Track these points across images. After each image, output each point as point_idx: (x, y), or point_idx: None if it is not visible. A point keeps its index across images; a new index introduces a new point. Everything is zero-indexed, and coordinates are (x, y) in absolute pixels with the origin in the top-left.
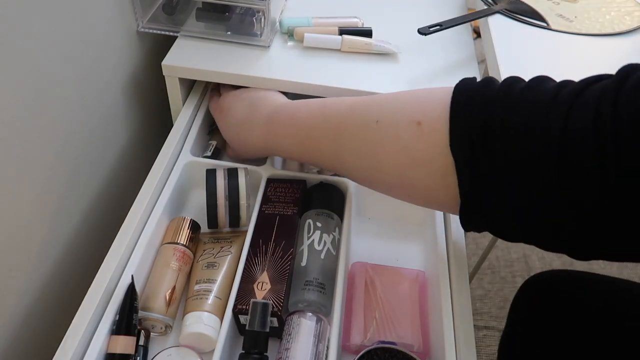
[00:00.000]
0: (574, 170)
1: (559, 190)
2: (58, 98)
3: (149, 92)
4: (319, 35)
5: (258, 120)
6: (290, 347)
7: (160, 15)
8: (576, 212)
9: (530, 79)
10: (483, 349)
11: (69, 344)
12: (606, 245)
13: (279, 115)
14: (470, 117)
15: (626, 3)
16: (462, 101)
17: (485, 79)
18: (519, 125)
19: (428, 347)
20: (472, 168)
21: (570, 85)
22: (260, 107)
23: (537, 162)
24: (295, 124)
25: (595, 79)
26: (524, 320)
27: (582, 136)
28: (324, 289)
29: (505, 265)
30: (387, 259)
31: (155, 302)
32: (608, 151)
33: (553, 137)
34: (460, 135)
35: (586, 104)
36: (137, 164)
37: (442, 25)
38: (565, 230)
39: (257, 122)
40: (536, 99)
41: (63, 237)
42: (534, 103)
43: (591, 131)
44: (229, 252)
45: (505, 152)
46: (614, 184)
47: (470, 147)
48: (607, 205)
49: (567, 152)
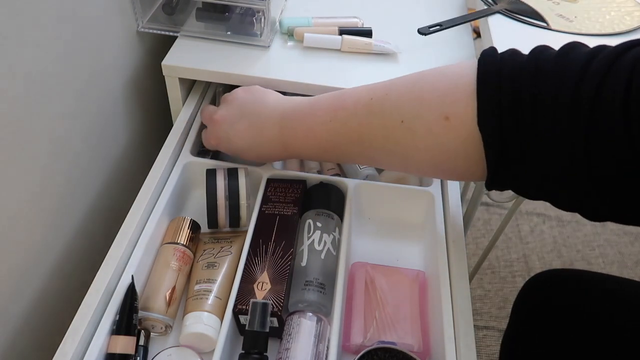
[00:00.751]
0: (601, 143)
1: (586, 162)
2: (58, 98)
3: (149, 92)
4: (319, 35)
5: (269, 140)
6: (290, 347)
7: (160, 15)
8: (599, 182)
9: (560, 47)
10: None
11: (69, 344)
12: (621, 211)
13: (291, 129)
14: (500, 90)
15: (626, 3)
16: (489, 77)
17: (509, 50)
18: (549, 98)
19: (428, 347)
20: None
21: (603, 52)
22: (266, 126)
23: (566, 135)
24: (314, 136)
25: (630, 45)
26: (525, 320)
27: (611, 110)
28: (324, 289)
29: (505, 265)
30: (387, 259)
31: (155, 302)
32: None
33: (583, 110)
34: (488, 110)
35: (617, 76)
36: (137, 164)
37: (442, 25)
38: (586, 196)
39: (269, 142)
40: (566, 69)
41: (63, 237)
42: (564, 74)
43: (620, 106)
44: (229, 252)
45: (534, 124)
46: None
47: (499, 120)
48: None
49: (596, 126)
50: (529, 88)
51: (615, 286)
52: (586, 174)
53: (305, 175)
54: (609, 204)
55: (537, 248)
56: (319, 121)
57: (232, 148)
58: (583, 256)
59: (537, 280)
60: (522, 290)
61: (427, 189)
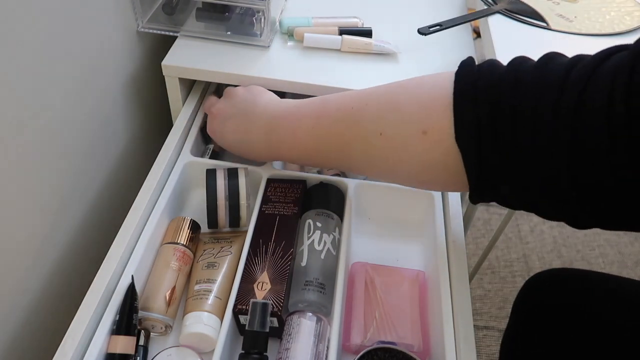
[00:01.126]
0: (583, 153)
1: (568, 174)
2: (58, 98)
3: (149, 92)
4: (319, 35)
5: (255, 142)
6: (290, 347)
7: (160, 15)
8: (582, 192)
9: (539, 58)
10: (483, 349)
11: (69, 344)
12: (607, 218)
13: (276, 134)
14: (476, 102)
15: (626, 3)
16: (465, 89)
17: (487, 61)
18: (528, 110)
19: (428, 347)
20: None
21: (582, 62)
22: (253, 127)
23: (546, 146)
24: (298, 141)
25: (608, 53)
26: (525, 320)
27: (592, 119)
28: (324, 289)
29: (505, 265)
30: (387, 259)
31: (155, 302)
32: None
33: (563, 120)
34: (465, 123)
35: (597, 85)
36: (137, 164)
37: (442, 25)
38: (568, 205)
39: (256, 143)
40: (545, 79)
41: (63, 237)
42: (543, 85)
43: (603, 114)
44: (229, 252)
45: (514, 135)
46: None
47: (477, 134)
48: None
49: (578, 139)
50: (508, 99)
51: (615, 286)
52: (567, 184)
53: (305, 175)
54: (590, 212)
55: (537, 248)
56: (302, 127)
57: (224, 143)
58: (583, 256)
59: (537, 280)
60: (521, 290)
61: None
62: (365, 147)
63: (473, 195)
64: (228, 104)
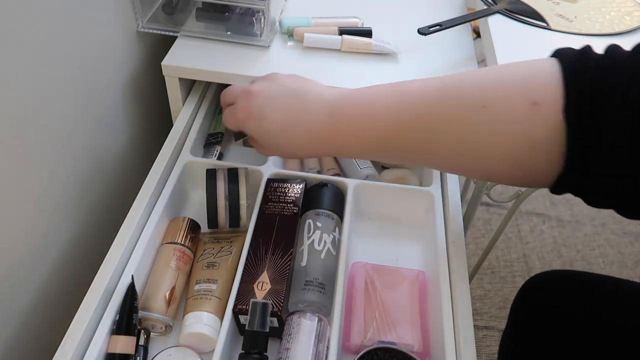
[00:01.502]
0: None
1: None
2: (58, 98)
3: (149, 92)
4: (319, 35)
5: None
6: (290, 347)
7: (160, 15)
8: None
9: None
10: (483, 349)
11: (69, 344)
12: None
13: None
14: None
15: (626, 3)
16: (576, 65)
17: (585, 47)
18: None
19: (428, 347)
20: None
21: None
22: (310, 108)
23: None
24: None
25: None
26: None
27: None
28: (324, 289)
29: (505, 265)
30: (387, 259)
31: (155, 302)
32: None
33: None
34: (577, 102)
35: None
36: (137, 164)
37: (442, 25)
38: None
39: (310, 127)
40: None
41: (63, 237)
42: None
43: None
44: (229, 252)
45: (626, 123)
46: None
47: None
48: None
49: None
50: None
51: (614, 287)
52: None
53: (305, 175)
54: None
55: (537, 248)
56: (380, 105)
57: (262, 127)
58: (583, 256)
59: (537, 280)
60: (521, 290)
61: (427, 189)
62: (461, 125)
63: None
64: (273, 84)
